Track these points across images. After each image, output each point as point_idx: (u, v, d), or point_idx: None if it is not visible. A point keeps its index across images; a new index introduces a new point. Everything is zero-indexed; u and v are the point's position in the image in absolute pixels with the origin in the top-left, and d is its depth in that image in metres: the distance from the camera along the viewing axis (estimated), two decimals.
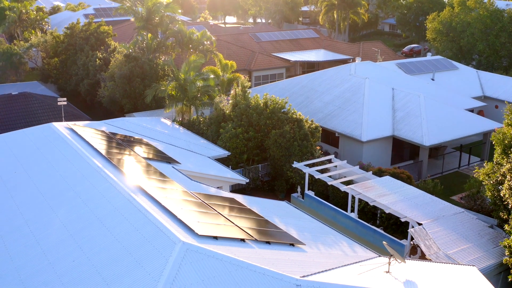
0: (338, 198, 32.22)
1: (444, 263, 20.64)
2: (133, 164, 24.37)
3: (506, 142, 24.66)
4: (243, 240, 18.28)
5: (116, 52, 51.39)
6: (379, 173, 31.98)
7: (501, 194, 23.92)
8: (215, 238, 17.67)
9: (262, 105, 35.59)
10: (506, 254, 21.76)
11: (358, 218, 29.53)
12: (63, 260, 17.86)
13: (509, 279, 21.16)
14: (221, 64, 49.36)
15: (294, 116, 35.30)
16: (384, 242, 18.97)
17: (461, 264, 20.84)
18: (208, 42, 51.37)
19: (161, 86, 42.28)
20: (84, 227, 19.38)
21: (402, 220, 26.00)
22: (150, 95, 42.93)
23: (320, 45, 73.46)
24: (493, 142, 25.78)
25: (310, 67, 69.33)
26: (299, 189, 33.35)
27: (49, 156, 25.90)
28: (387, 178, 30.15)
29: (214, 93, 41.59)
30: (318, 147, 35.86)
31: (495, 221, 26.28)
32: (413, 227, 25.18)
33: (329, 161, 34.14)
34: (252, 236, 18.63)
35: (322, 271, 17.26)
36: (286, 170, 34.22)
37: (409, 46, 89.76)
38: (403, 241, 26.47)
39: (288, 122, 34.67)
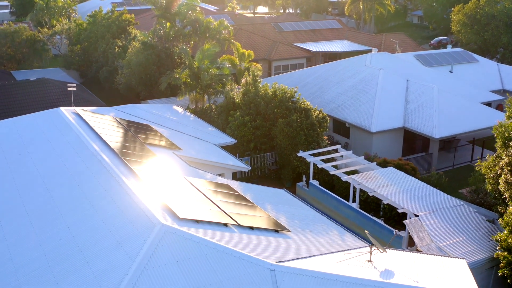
0: (343, 188, 32.16)
1: (433, 254, 20.52)
2: (131, 149, 24.79)
3: (506, 135, 24.27)
4: (225, 224, 18.49)
5: (136, 40, 51.97)
6: (384, 164, 31.80)
7: (500, 188, 23.61)
8: (197, 221, 17.94)
9: (270, 94, 35.67)
10: (498, 248, 21.49)
11: (360, 208, 29.52)
12: (51, 239, 18.38)
13: (499, 274, 20.90)
14: (238, 53, 49.56)
15: (303, 105, 35.27)
16: (366, 231, 18.96)
17: (451, 257, 20.68)
18: (226, 31, 51.50)
19: (175, 74, 42.68)
20: (74, 208, 19.88)
21: (399, 211, 25.89)
22: (164, 83, 43.42)
23: (342, 36, 72.91)
24: (495, 135, 25.42)
25: (332, 57, 68.80)
26: (304, 178, 33.40)
27: (52, 140, 26.53)
28: (390, 169, 29.98)
29: (227, 82, 41.80)
30: (325, 137, 35.83)
31: (497, 215, 25.94)
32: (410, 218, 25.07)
33: (336, 151, 34.08)
34: (236, 221, 18.83)
35: (301, 258, 17.37)
36: (292, 159, 34.29)
37: (437, 38, 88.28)
38: (402, 232, 26.34)
39: (296, 111, 34.67)
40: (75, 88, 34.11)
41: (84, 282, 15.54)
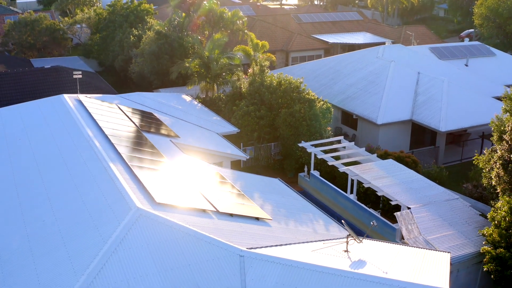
0: (344, 179, 32.00)
1: (416, 247, 20.45)
2: (125, 135, 25.12)
3: (502, 128, 23.90)
4: (203, 210, 18.70)
5: (152, 29, 52.39)
6: (385, 156, 31.60)
7: (492, 182, 23.30)
8: (174, 206, 18.18)
9: (275, 84, 35.68)
10: (484, 243, 21.23)
11: (360, 200, 29.42)
12: (36, 220, 18.89)
13: (484, 269, 20.63)
14: (253, 43, 49.57)
15: (308, 96, 35.21)
16: (342, 221, 18.91)
17: (435, 250, 20.53)
18: (240, 22, 51.59)
19: (185, 63, 42.98)
20: (60, 192, 20.35)
21: (392, 203, 25.75)
22: (175, 72, 43.79)
23: (363, 27, 72.27)
24: (492, 128, 25.05)
25: (351, 49, 68.28)
26: (306, 169, 33.39)
27: (52, 125, 27.07)
28: (389, 161, 29.78)
29: (238, 72, 41.94)
30: (329, 128, 35.73)
31: None
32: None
33: (339, 142, 33.95)
34: (215, 208, 19.01)
35: (275, 245, 17.48)
36: (295, 150, 34.30)
37: (466, 31, 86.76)
38: (395, 225, 26.18)
39: (300, 102, 34.62)
40: (80, 76, 34.74)
41: (58, 262, 15.98)
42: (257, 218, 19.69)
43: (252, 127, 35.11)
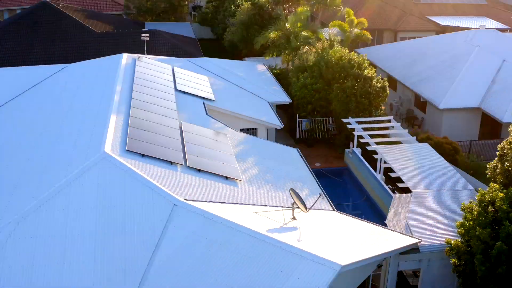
0: None
1: (391, 230, 20.35)
2: (154, 93, 26.97)
3: None
4: (171, 162, 20.14)
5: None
6: (425, 140, 30.62)
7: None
8: (142, 155, 19.85)
9: (336, 58, 35.62)
10: (457, 234, 20.28)
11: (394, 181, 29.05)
12: (29, 158, 21.60)
13: (452, 261, 19.76)
14: (349, 19, 49.20)
15: (365, 73, 34.78)
16: (290, 189, 19.16)
17: (405, 235, 20.20)
18: None
19: (267, 34, 44.07)
20: (65, 135, 22.87)
21: (400, 185, 25.29)
22: (259, 42, 45.08)
23: (484, 12, 67.66)
24: None
25: None
26: (351, 145, 33.33)
27: (100, 79, 29.65)
28: (423, 145, 28.94)
29: (311, 45, 42.18)
30: (383, 107, 35.10)
31: None
32: None
33: (389, 121, 33.36)
34: (185, 161, 20.37)
35: (221, 202, 18.55)
36: (346, 125, 34.24)
37: None
38: None
39: (356, 79, 34.31)
40: (147, 38, 37.58)
41: (28, 190, 18.65)
42: (226, 177, 20.71)
43: (307, 99, 35.59)
